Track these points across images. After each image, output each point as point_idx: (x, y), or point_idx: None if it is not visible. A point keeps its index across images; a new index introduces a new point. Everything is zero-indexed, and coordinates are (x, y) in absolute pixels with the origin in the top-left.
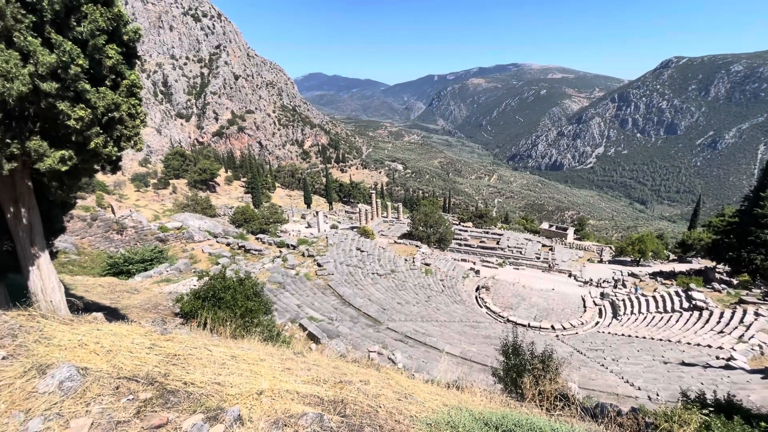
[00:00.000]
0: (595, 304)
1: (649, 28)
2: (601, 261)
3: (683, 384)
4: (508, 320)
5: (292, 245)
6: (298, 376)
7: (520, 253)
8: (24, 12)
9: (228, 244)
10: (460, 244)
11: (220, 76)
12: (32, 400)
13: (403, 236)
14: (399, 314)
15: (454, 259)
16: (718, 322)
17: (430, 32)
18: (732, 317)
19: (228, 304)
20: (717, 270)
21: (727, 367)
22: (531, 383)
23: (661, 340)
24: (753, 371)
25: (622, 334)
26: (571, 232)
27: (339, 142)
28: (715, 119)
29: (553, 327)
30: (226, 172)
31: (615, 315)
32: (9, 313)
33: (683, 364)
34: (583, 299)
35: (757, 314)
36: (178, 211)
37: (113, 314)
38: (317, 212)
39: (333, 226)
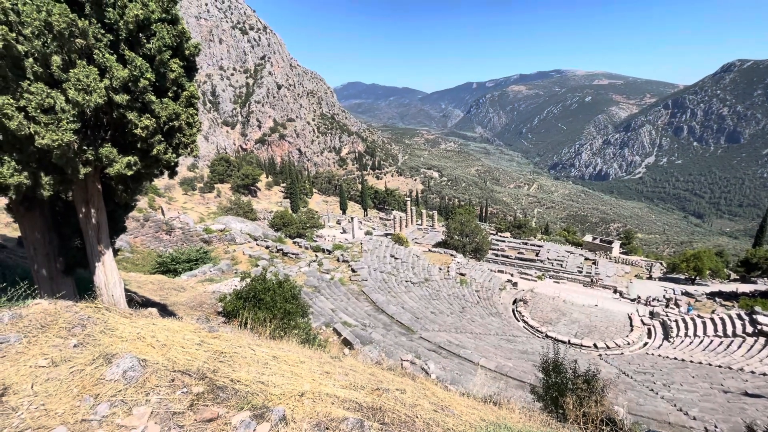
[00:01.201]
0: (644, 324)
1: (707, 31)
2: (650, 277)
3: (746, 417)
4: (547, 336)
5: (327, 250)
6: (337, 380)
7: (561, 266)
8: (103, 31)
9: (267, 247)
10: (497, 255)
11: (264, 86)
12: (100, 386)
13: (438, 245)
14: (432, 324)
15: (491, 270)
16: None
17: (469, 40)
18: None
19: (267, 306)
20: None
21: None
22: (574, 404)
23: (720, 366)
24: None
25: (675, 358)
26: (616, 245)
27: (375, 150)
28: None
29: (595, 345)
30: (267, 177)
31: (666, 336)
32: (78, 304)
33: (746, 394)
34: (630, 317)
35: None
36: (221, 214)
37: (163, 310)
38: (352, 218)
39: (367, 233)
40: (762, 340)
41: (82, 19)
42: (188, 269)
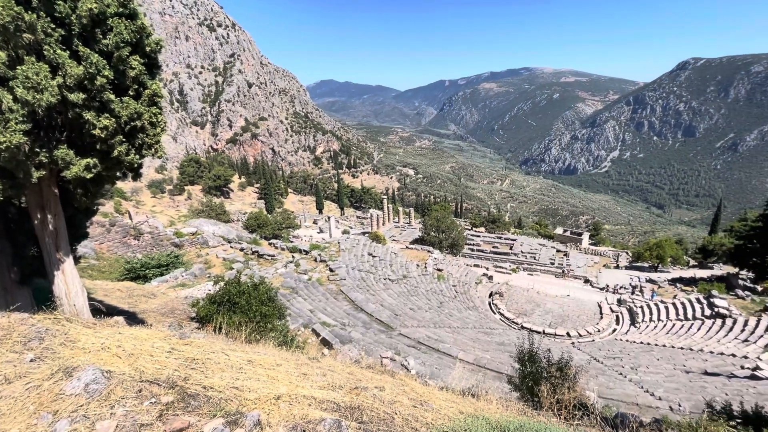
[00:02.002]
0: (612, 311)
1: (665, 29)
2: (617, 267)
3: (707, 394)
4: (523, 327)
5: (304, 250)
6: (314, 381)
7: (534, 258)
8: (54, 26)
9: (242, 250)
10: (472, 250)
11: (234, 84)
12: (59, 401)
13: (415, 241)
14: (411, 320)
15: (467, 265)
16: (743, 331)
17: (441, 38)
18: (757, 325)
19: (243, 309)
20: (740, 276)
21: (753, 378)
22: (548, 391)
23: (682, 348)
24: None
25: (641, 342)
26: (586, 237)
27: (350, 148)
28: (735, 121)
29: (568, 334)
30: (240, 178)
31: (633, 322)
32: (36, 316)
33: (706, 373)
34: (600, 306)
35: None
36: (193, 217)
37: (132, 318)
38: (329, 218)
39: (345, 232)
40: (719, 321)
41: (29, 12)
42: (159, 275)
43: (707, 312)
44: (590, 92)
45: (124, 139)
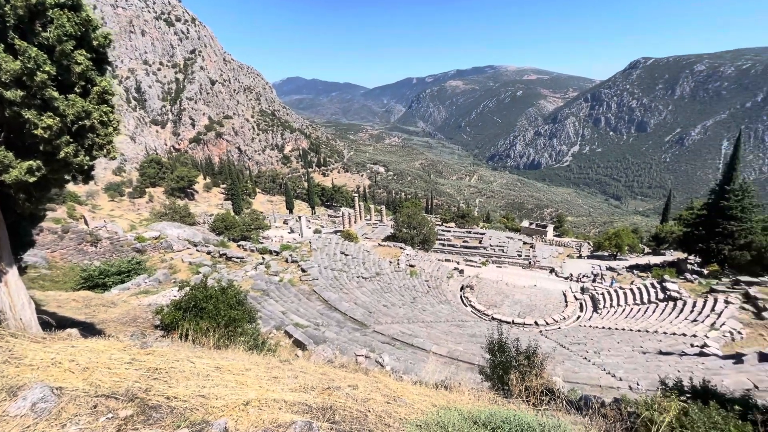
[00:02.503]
0: (576, 299)
1: (618, 29)
2: (580, 256)
3: (661, 372)
4: (493, 318)
5: (275, 251)
6: (286, 384)
7: (503, 251)
8: None
9: (209, 253)
10: (443, 245)
11: (196, 82)
12: (2, 424)
13: (387, 238)
14: (385, 317)
15: (438, 260)
16: (692, 311)
17: (408, 35)
18: (704, 306)
19: (210, 314)
20: (689, 261)
21: (702, 354)
22: (517, 379)
23: (639, 331)
24: (725, 357)
25: (603, 327)
26: (550, 229)
27: (320, 146)
28: (682, 117)
29: (536, 323)
30: (205, 179)
31: (595, 308)
32: None
33: (661, 353)
34: (564, 294)
35: (726, 302)
36: (155, 221)
37: (89, 330)
38: (300, 217)
39: (316, 231)
40: (671, 304)
41: None
42: (119, 282)
43: (661, 296)
44: (551, 90)
45: (71, 140)
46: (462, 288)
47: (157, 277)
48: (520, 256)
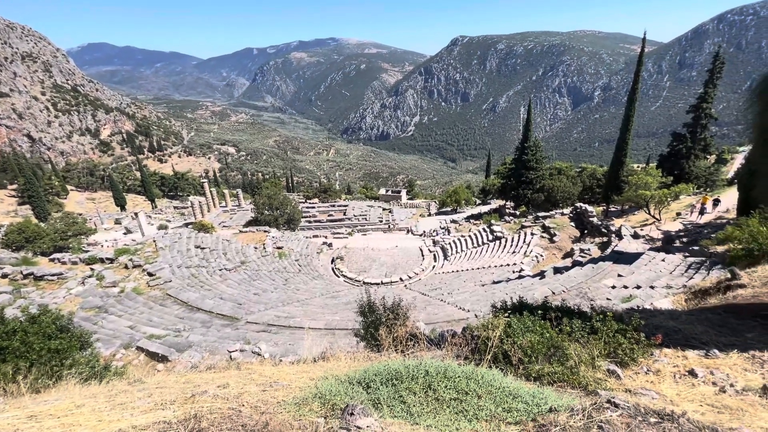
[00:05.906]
0: (430, 252)
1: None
2: (429, 215)
3: (496, 298)
4: (364, 282)
5: (108, 259)
6: (136, 407)
7: (366, 219)
8: None
9: (4, 276)
10: (309, 222)
11: None
12: None
13: (249, 223)
14: (257, 305)
15: (307, 237)
16: (511, 245)
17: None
18: (519, 240)
19: (18, 353)
20: (506, 206)
21: (520, 277)
22: (386, 333)
23: (478, 268)
24: (534, 275)
25: (453, 271)
26: (404, 194)
27: (150, 128)
28: (492, 88)
29: (401, 279)
30: None
31: (446, 257)
32: None
33: (494, 282)
34: (421, 250)
35: (532, 234)
36: None
37: None
38: (136, 214)
39: (161, 227)
40: (498, 242)
41: None
42: None
43: (490, 237)
44: (391, 63)
45: None
46: (333, 260)
47: None
48: (381, 221)
